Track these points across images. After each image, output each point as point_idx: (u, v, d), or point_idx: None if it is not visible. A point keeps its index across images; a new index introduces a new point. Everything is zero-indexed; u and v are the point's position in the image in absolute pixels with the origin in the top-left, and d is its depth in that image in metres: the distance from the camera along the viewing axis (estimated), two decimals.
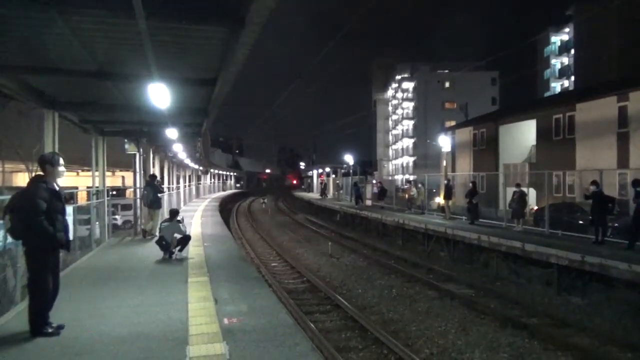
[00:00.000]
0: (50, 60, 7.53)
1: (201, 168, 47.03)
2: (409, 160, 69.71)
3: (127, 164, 24.54)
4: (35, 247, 5.25)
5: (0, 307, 6.27)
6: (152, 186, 14.23)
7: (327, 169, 53.27)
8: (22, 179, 25.41)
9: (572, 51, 50.17)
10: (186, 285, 7.96)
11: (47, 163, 5.44)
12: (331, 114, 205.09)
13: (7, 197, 5.81)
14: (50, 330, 5.34)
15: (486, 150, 31.53)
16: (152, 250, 11.32)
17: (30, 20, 5.88)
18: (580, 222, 15.91)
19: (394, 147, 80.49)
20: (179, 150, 24.02)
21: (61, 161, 5.61)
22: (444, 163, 27.81)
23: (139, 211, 15.80)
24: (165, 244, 10.55)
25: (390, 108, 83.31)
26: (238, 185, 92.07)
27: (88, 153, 15.16)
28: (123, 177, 34.54)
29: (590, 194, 12.75)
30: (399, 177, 69.11)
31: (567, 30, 52.02)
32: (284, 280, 13.95)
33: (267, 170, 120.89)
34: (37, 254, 5.27)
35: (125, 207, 25.33)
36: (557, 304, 11.12)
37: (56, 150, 9.51)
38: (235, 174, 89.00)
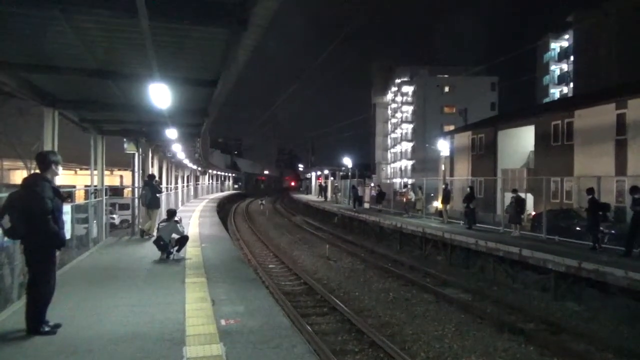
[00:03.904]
0: (51, 58, 7.53)
1: (199, 168, 47.00)
2: (407, 163, 69.80)
3: (125, 163, 24.53)
4: (39, 246, 5.22)
5: None
6: (151, 186, 14.21)
7: (326, 171, 53.27)
8: (19, 177, 25.36)
9: (572, 58, 50.40)
10: (183, 285, 7.94)
11: (53, 163, 5.40)
12: (330, 116, 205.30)
13: (4, 194, 5.77)
14: (47, 329, 5.33)
15: (485, 155, 31.58)
16: (149, 250, 11.30)
17: (32, 18, 5.89)
18: (578, 228, 15.96)
19: (392, 150, 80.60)
20: (178, 150, 24.02)
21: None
22: (443, 167, 27.86)
23: (137, 211, 15.78)
24: (163, 244, 10.54)
25: (389, 111, 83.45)
26: (236, 186, 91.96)
27: (86, 151, 15.14)
28: (121, 177, 34.53)
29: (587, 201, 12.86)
30: (397, 181, 69.20)
31: (566, 36, 52.28)
32: (281, 282, 13.94)
33: (266, 172, 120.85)
34: (41, 253, 5.25)
35: (123, 207, 25.29)
36: (553, 309, 11.14)
37: (55, 149, 9.52)
38: (233, 175, 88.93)
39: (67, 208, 9.12)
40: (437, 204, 25.47)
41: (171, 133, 14.55)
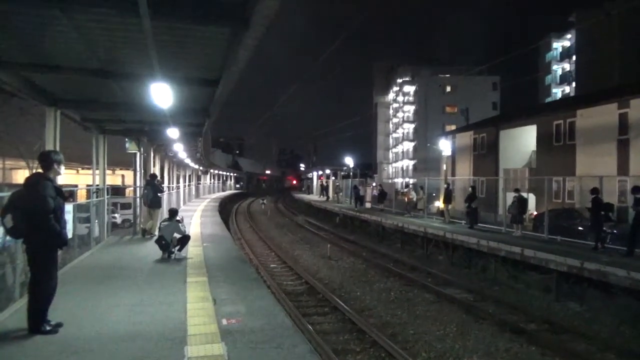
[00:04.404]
0: (53, 57, 7.53)
1: (201, 168, 47.02)
2: (409, 163, 69.74)
3: (127, 162, 24.56)
4: (40, 245, 5.23)
5: None
6: (153, 185, 14.22)
7: (327, 171, 53.26)
8: (22, 176, 25.35)
9: (574, 57, 50.28)
10: (185, 285, 7.95)
11: (55, 162, 5.42)
12: (332, 116, 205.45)
13: (6, 194, 5.78)
14: (48, 328, 5.33)
15: (486, 154, 31.53)
16: (151, 250, 11.31)
17: (33, 18, 5.89)
18: (580, 228, 15.92)
19: (394, 150, 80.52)
20: (180, 149, 24.04)
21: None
22: (444, 167, 27.82)
23: (138, 210, 15.80)
24: (164, 244, 10.54)
25: (391, 111, 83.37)
26: (238, 185, 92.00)
27: (88, 151, 15.15)
28: (123, 176, 34.55)
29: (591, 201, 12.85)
30: (398, 180, 69.15)
31: (568, 36, 52.15)
32: (283, 282, 13.94)
33: (267, 171, 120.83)
34: (43, 252, 5.26)
35: (125, 206, 25.31)
36: (555, 309, 11.12)
37: (57, 148, 9.52)
38: (235, 174, 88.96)
39: (69, 207, 9.14)
40: (439, 203, 25.44)
41: (173, 133, 14.56)
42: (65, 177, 24.79)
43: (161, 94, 7.85)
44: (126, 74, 8.47)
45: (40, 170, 5.49)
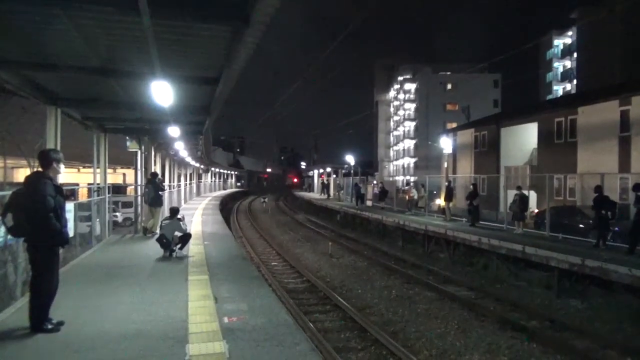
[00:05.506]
0: (53, 56, 7.52)
1: (202, 166, 47.05)
2: (410, 161, 69.72)
3: (128, 161, 24.57)
4: (41, 244, 5.24)
5: (0, 303, 6.27)
6: (154, 184, 14.23)
7: (328, 169, 53.25)
8: (23, 175, 25.33)
9: (575, 54, 50.17)
10: (186, 283, 7.96)
11: (54, 160, 5.42)
12: (333, 114, 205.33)
13: (7, 192, 5.78)
14: (50, 327, 5.34)
15: (487, 152, 31.50)
16: (152, 248, 11.32)
17: (34, 16, 5.88)
18: (581, 225, 15.90)
19: (395, 148, 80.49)
20: (181, 148, 24.05)
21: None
22: (445, 165, 27.80)
23: (139, 209, 15.81)
24: (165, 242, 10.55)
25: (391, 109, 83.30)
26: (239, 184, 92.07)
27: (89, 149, 15.15)
28: (124, 174, 34.61)
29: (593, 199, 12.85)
30: (399, 178, 69.14)
31: (570, 33, 52.03)
32: (284, 280, 13.96)
33: (268, 170, 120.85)
34: (44, 251, 5.27)
35: (126, 205, 25.32)
36: (556, 307, 11.12)
37: (58, 147, 9.53)
38: (236, 172, 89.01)
39: (70, 206, 9.14)
40: (440, 201, 25.42)
41: (173, 131, 14.54)
42: (67, 175, 24.83)
43: (162, 92, 7.84)
44: (127, 72, 8.45)
45: (39, 169, 5.49)
